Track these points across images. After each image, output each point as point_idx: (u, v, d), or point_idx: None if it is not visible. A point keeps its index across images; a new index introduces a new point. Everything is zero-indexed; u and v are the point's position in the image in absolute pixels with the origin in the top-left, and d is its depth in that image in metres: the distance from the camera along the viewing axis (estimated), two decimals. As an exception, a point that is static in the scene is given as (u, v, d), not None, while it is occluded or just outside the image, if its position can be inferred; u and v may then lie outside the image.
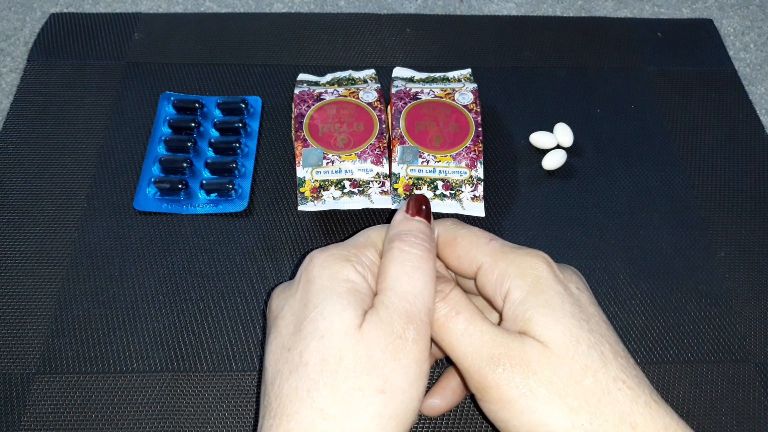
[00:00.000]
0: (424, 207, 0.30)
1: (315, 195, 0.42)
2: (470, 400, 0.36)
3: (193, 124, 0.47)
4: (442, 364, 0.37)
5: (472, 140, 0.44)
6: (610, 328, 0.29)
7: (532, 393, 0.26)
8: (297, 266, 0.41)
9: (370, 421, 0.25)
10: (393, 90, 0.47)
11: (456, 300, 0.29)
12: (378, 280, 0.29)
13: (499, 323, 0.29)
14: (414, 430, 0.35)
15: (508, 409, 0.26)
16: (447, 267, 0.32)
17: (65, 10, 0.58)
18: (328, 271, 0.28)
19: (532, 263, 0.29)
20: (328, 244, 0.30)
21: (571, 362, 0.26)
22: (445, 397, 0.33)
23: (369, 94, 0.46)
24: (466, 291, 0.32)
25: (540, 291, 0.28)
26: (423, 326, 0.27)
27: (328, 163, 0.42)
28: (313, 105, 0.45)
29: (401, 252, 0.28)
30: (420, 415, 0.35)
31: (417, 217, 0.30)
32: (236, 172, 0.45)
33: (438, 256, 0.31)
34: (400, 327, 0.26)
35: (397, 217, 0.30)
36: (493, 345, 0.27)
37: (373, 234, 0.31)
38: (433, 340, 0.29)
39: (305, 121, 0.44)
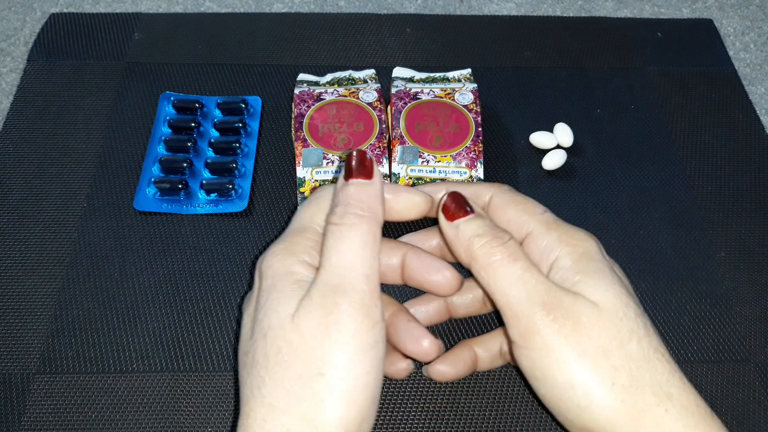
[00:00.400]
0: (361, 162, 0.29)
1: (315, 195, 0.42)
2: (469, 400, 0.36)
3: (193, 124, 0.47)
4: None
5: (472, 140, 0.44)
6: None
7: (578, 344, 0.26)
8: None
9: (316, 406, 0.25)
10: (393, 90, 0.47)
11: (514, 248, 0.29)
12: None
13: None
14: (415, 421, 0.35)
15: (552, 357, 0.26)
16: None
17: (65, 10, 0.58)
18: (272, 271, 0.28)
19: (584, 237, 0.29)
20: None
21: (620, 324, 0.27)
22: (456, 366, 0.33)
23: (369, 94, 0.46)
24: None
25: (590, 259, 0.28)
26: (358, 294, 0.26)
27: (328, 163, 0.42)
28: (313, 105, 0.45)
29: (331, 227, 0.27)
30: (431, 380, 0.36)
31: (352, 179, 0.28)
32: (236, 172, 0.45)
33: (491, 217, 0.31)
34: (330, 302, 0.26)
35: (336, 185, 0.29)
36: (547, 294, 0.27)
37: (306, 214, 0.30)
38: (478, 284, 0.29)
39: (305, 121, 0.44)
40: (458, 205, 0.30)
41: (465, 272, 0.31)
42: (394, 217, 0.31)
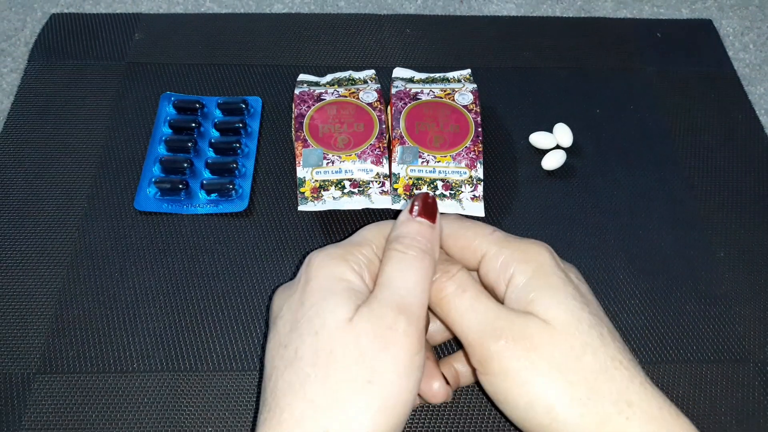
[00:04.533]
0: (428, 204, 0.31)
1: (315, 195, 0.42)
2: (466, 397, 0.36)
3: (193, 125, 0.47)
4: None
5: (472, 140, 0.44)
6: (606, 317, 0.30)
7: (533, 366, 0.27)
8: (298, 266, 0.41)
9: (358, 411, 0.25)
10: (393, 90, 0.47)
11: (463, 279, 0.30)
12: (376, 280, 0.29)
13: None
14: (415, 421, 0.36)
15: (509, 381, 0.27)
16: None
17: (66, 11, 0.58)
18: (325, 271, 0.29)
19: (536, 251, 0.30)
20: (328, 244, 0.31)
21: (572, 339, 0.27)
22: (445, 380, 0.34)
23: (369, 95, 0.46)
24: None
25: (543, 275, 0.29)
26: (415, 319, 0.27)
27: (328, 163, 0.43)
28: (314, 105, 0.45)
29: (397, 253, 0.29)
30: (424, 404, 0.36)
31: (418, 218, 0.30)
32: (236, 172, 0.45)
33: (442, 247, 0.32)
34: (391, 318, 0.27)
35: (400, 218, 0.31)
36: (497, 320, 0.28)
37: (369, 233, 0.31)
38: (436, 317, 0.30)
39: (305, 121, 0.44)
40: None
41: None
42: None
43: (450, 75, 0.49)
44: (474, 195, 0.42)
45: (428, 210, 0.31)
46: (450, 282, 0.30)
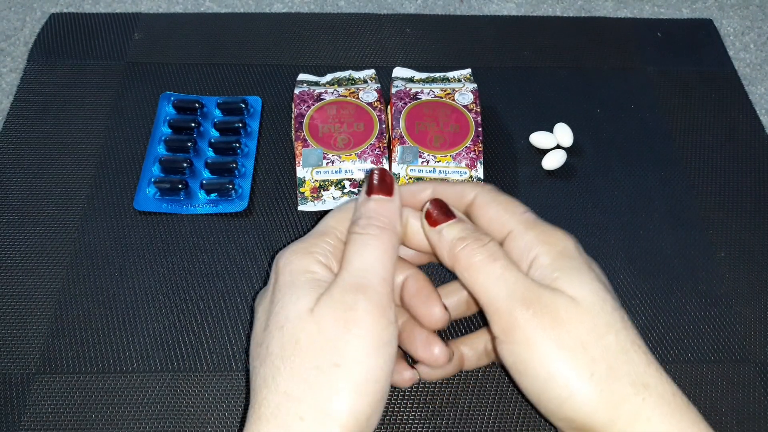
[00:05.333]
0: (383, 181, 0.31)
1: (315, 195, 0.42)
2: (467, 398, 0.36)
3: (193, 124, 0.47)
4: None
5: (472, 140, 0.44)
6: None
7: (558, 338, 0.27)
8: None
9: (329, 395, 0.26)
10: (393, 90, 0.47)
11: (494, 248, 0.30)
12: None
13: None
14: (415, 421, 0.36)
15: (532, 351, 0.27)
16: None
17: (65, 10, 0.58)
18: (290, 267, 0.29)
19: (562, 236, 0.30)
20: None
21: (597, 318, 0.27)
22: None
23: (369, 94, 0.46)
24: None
25: (568, 257, 0.29)
26: (376, 295, 0.28)
27: (328, 163, 0.42)
28: (313, 105, 0.45)
29: (354, 236, 0.30)
30: (423, 381, 0.36)
31: (374, 195, 0.31)
32: (236, 172, 0.45)
33: (470, 217, 0.32)
34: (350, 299, 0.27)
35: (358, 200, 0.32)
36: (526, 290, 0.28)
37: (331, 220, 0.32)
38: (460, 282, 0.30)
39: (305, 121, 0.44)
40: (440, 211, 0.31)
41: (450, 275, 0.31)
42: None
43: (450, 75, 0.49)
44: (474, 195, 0.42)
45: (383, 186, 0.31)
46: (482, 249, 0.29)
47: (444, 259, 0.30)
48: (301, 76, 0.48)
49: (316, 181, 0.42)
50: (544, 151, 0.47)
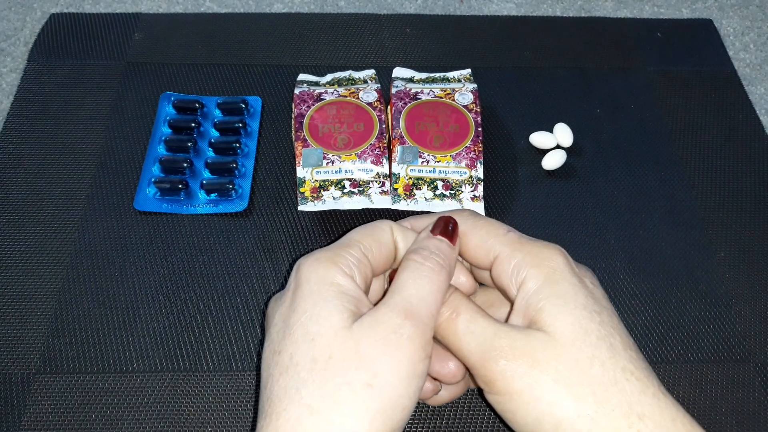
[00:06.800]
0: (449, 228, 0.31)
1: (315, 195, 0.42)
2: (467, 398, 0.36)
3: (193, 124, 0.47)
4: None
5: (472, 140, 0.44)
6: (621, 323, 0.29)
7: (536, 383, 0.26)
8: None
9: (355, 414, 0.25)
10: (393, 90, 0.47)
11: (455, 302, 0.29)
12: (366, 281, 0.30)
13: (509, 314, 0.29)
14: (415, 421, 0.35)
15: (515, 400, 0.27)
16: (463, 258, 0.33)
17: (65, 10, 0.58)
18: (315, 276, 0.28)
19: (549, 255, 0.29)
20: (329, 244, 0.31)
21: (578, 352, 0.27)
22: (448, 388, 0.33)
23: (369, 94, 0.46)
24: (480, 283, 0.33)
25: (555, 282, 0.28)
26: (422, 326, 0.27)
27: (328, 163, 0.42)
28: (313, 105, 0.45)
29: (413, 263, 0.29)
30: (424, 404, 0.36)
31: (439, 236, 0.30)
32: (236, 172, 0.45)
33: None
34: (397, 323, 0.27)
35: (421, 235, 0.31)
36: (495, 339, 0.28)
37: (356, 234, 0.31)
38: (441, 344, 0.30)
39: (305, 121, 0.44)
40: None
41: None
42: None
43: (450, 75, 0.49)
44: (474, 195, 0.42)
45: (449, 233, 0.31)
46: (444, 307, 0.29)
47: None
48: (301, 76, 0.48)
49: (316, 181, 0.42)
50: (544, 151, 0.47)
